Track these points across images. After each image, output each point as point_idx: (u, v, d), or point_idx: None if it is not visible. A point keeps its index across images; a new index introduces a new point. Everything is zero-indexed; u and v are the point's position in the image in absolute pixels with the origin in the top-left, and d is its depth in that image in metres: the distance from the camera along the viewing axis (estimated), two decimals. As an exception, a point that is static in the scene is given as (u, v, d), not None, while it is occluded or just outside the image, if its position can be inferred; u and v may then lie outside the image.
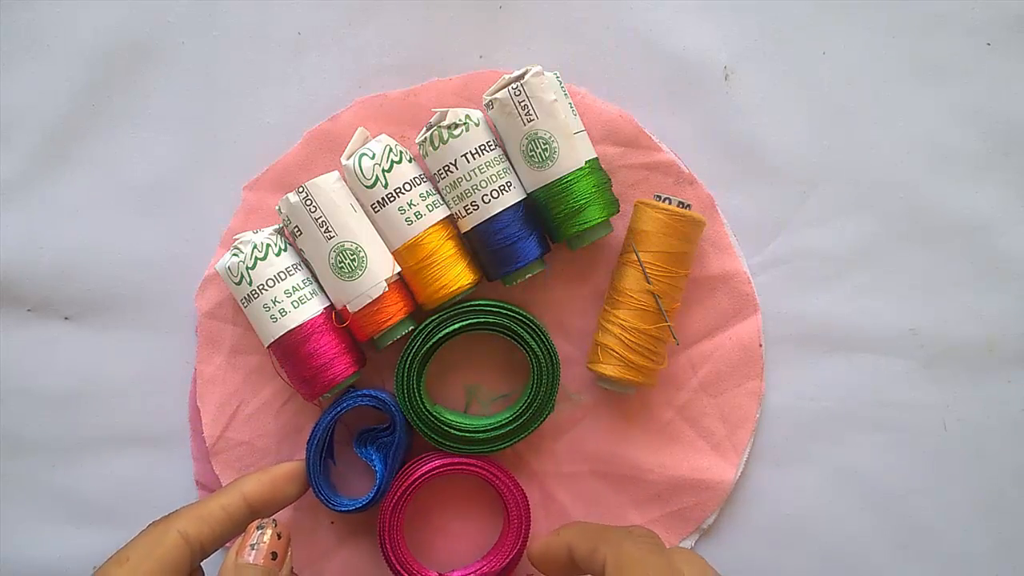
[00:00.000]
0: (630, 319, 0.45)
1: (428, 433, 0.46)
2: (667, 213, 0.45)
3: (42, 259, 0.50)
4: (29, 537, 0.51)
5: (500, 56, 0.50)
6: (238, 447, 0.49)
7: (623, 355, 0.45)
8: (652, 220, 0.45)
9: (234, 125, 0.50)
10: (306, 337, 0.45)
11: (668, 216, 0.45)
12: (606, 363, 0.46)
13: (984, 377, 0.50)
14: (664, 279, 0.45)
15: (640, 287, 0.45)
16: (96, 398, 0.50)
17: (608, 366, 0.46)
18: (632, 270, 0.45)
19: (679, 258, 0.45)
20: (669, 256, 0.45)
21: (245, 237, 0.46)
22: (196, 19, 0.50)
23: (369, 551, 0.49)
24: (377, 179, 0.44)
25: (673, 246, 0.45)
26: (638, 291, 0.45)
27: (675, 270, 0.45)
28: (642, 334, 0.45)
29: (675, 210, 0.45)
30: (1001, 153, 0.50)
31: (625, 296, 0.45)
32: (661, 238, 0.45)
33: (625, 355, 0.45)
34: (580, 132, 0.45)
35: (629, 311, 0.45)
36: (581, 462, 0.49)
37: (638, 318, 0.45)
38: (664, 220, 0.45)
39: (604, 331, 0.46)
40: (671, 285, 0.45)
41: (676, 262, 0.45)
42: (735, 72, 0.50)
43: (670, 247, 0.45)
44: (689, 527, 0.49)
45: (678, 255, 0.45)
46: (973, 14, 0.49)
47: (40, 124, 0.50)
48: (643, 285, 0.45)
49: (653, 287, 0.45)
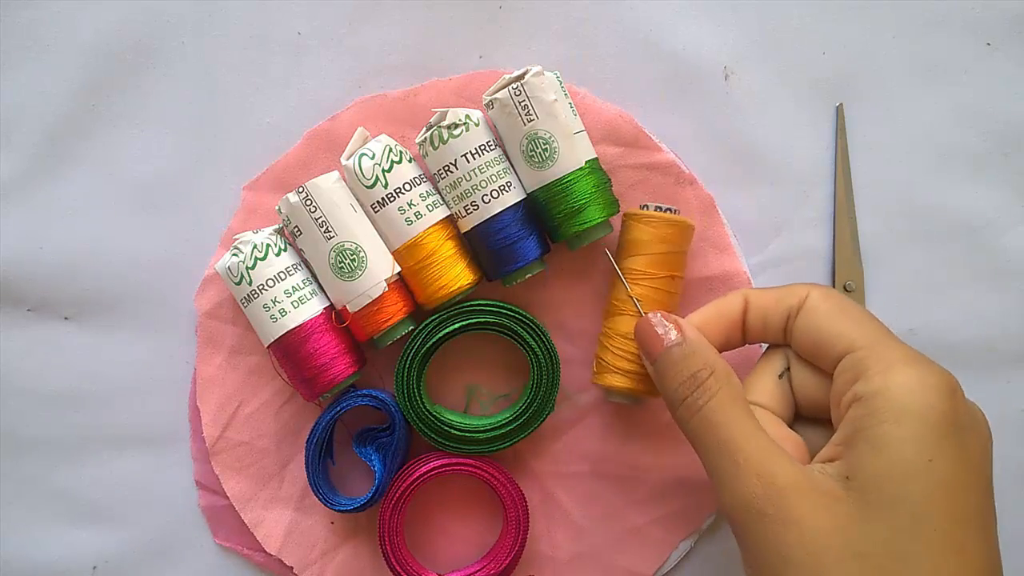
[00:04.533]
0: (616, 326, 0.45)
1: (428, 433, 0.46)
2: (643, 219, 0.45)
3: (42, 259, 0.50)
4: (29, 537, 0.51)
5: (500, 56, 0.50)
6: (238, 447, 0.49)
7: (613, 363, 0.45)
8: (632, 228, 0.45)
9: (234, 125, 0.50)
10: (306, 337, 0.45)
11: (644, 222, 0.45)
12: (600, 374, 0.46)
13: (984, 377, 0.50)
14: (651, 284, 0.45)
15: (624, 294, 0.45)
16: (96, 398, 0.50)
17: (603, 376, 0.46)
18: (617, 279, 0.45)
19: (666, 260, 0.45)
20: (653, 259, 0.44)
21: (245, 237, 0.46)
22: (196, 19, 0.50)
23: (369, 551, 0.49)
24: (377, 179, 0.44)
25: (657, 249, 0.44)
26: (623, 299, 0.45)
27: (660, 272, 0.44)
28: (629, 340, 0.45)
29: (653, 215, 0.45)
30: (1001, 153, 0.50)
31: (613, 305, 0.45)
32: (645, 244, 0.45)
33: (615, 363, 0.45)
34: (580, 132, 0.45)
35: (616, 319, 0.45)
36: (581, 462, 0.49)
37: (625, 324, 0.45)
38: (641, 226, 0.45)
39: (600, 344, 0.46)
40: (660, 289, 0.45)
41: (662, 264, 0.45)
42: (735, 72, 0.50)
43: (654, 250, 0.44)
44: (689, 527, 0.49)
45: (664, 257, 0.45)
46: (973, 14, 0.50)
47: (40, 124, 0.50)
48: (625, 292, 0.45)
49: (634, 291, 0.44)
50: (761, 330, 0.41)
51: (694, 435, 0.38)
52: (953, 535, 0.34)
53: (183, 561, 0.51)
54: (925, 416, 0.34)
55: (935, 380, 0.35)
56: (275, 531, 0.49)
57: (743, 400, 0.38)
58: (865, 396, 0.36)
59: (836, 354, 0.38)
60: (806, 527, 0.34)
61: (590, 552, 0.49)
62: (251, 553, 0.50)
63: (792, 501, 0.34)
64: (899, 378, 0.35)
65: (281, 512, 0.49)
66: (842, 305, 0.39)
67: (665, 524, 0.49)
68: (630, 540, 0.49)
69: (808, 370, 0.41)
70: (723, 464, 0.36)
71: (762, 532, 0.35)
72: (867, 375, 0.36)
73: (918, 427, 0.34)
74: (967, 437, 0.35)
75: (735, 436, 0.36)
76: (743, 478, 0.35)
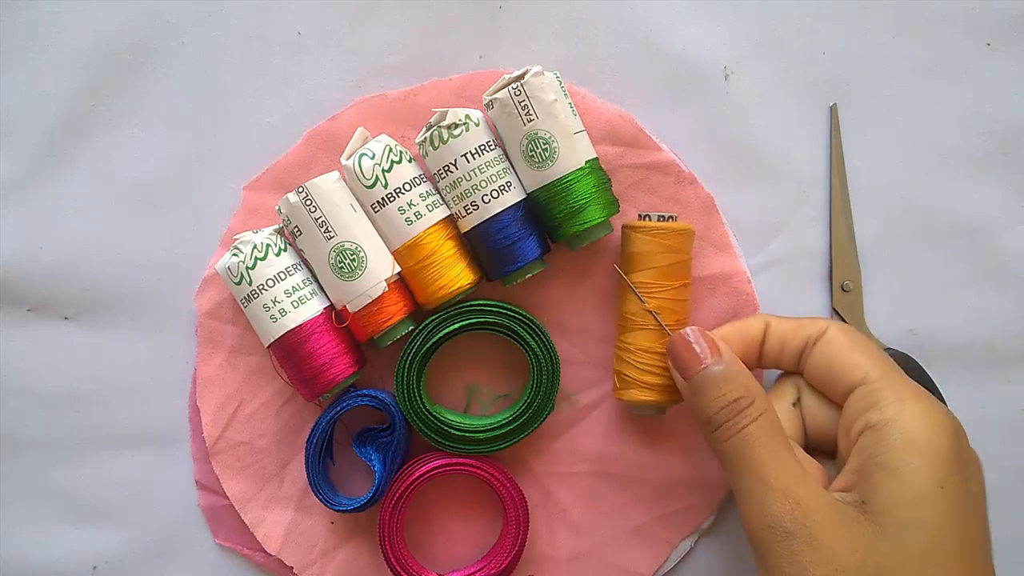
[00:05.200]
0: (637, 341, 0.45)
1: (428, 433, 0.46)
2: (646, 231, 0.45)
3: (42, 259, 0.50)
4: (29, 537, 0.51)
5: (500, 56, 0.50)
6: (238, 447, 0.49)
7: (638, 378, 0.45)
8: (636, 241, 0.45)
9: (234, 125, 0.50)
10: (306, 337, 0.45)
11: (647, 234, 0.45)
12: (624, 389, 0.46)
13: (984, 377, 0.50)
14: (665, 295, 0.45)
15: (639, 308, 0.45)
16: (96, 398, 0.50)
17: (628, 391, 0.46)
18: (629, 294, 0.45)
19: (675, 270, 0.45)
20: (661, 271, 0.45)
21: (245, 237, 0.46)
22: (196, 19, 0.50)
23: (369, 551, 0.49)
24: (377, 179, 0.44)
25: (663, 260, 0.45)
26: (639, 312, 0.45)
27: (673, 283, 0.45)
28: (651, 354, 0.45)
29: (656, 226, 0.45)
30: (1001, 153, 0.50)
31: (628, 320, 0.45)
32: (650, 256, 0.45)
33: (640, 378, 0.45)
34: (580, 132, 0.45)
35: (634, 333, 0.45)
36: (581, 462, 0.49)
37: (645, 338, 0.45)
38: (646, 239, 0.45)
39: (619, 358, 0.46)
40: (673, 299, 0.45)
41: (673, 275, 0.45)
42: (735, 72, 0.50)
43: (660, 262, 0.45)
44: (689, 527, 0.49)
45: (673, 267, 0.45)
46: (973, 14, 0.50)
47: (40, 124, 0.50)
48: (641, 306, 0.45)
49: (650, 305, 0.45)
50: (777, 356, 0.43)
51: (727, 456, 0.39)
52: (962, 556, 0.36)
53: (183, 561, 0.51)
54: (937, 446, 0.37)
55: (943, 417, 0.38)
56: (275, 531, 0.49)
57: (780, 428, 0.40)
58: (878, 425, 0.38)
59: (849, 384, 0.40)
60: (829, 547, 0.36)
61: (590, 552, 0.49)
62: (251, 553, 0.50)
63: (817, 522, 0.36)
64: (913, 409, 0.38)
65: (281, 512, 0.49)
66: (859, 340, 0.41)
67: (665, 524, 0.49)
68: (630, 540, 0.49)
69: (817, 399, 0.43)
70: (753, 485, 0.38)
71: (787, 551, 0.36)
72: (880, 405, 0.38)
73: (931, 455, 0.37)
74: (971, 471, 0.38)
75: (768, 460, 0.38)
76: (771, 500, 0.37)
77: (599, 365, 0.49)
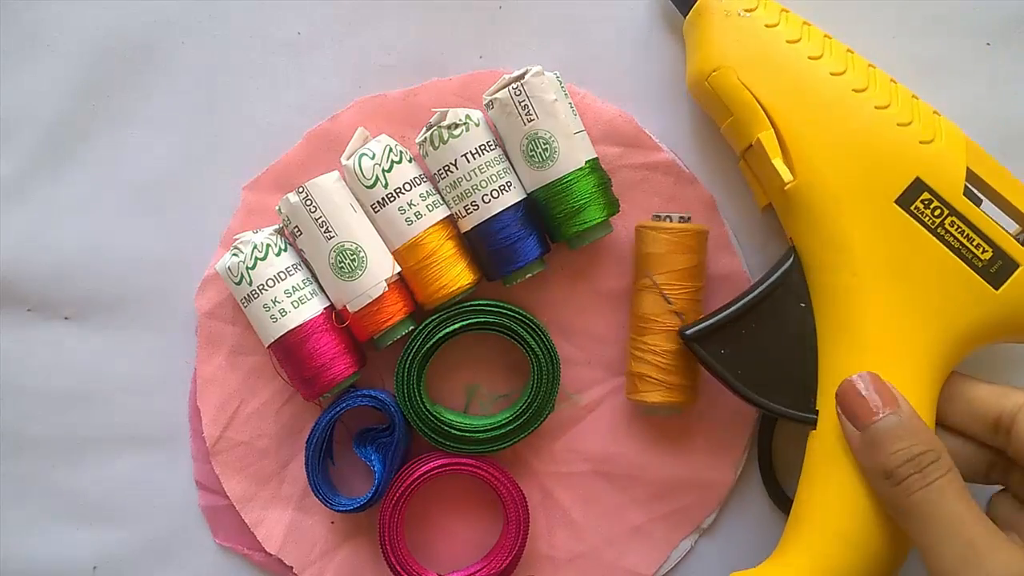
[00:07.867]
0: (660, 343, 0.45)
1: (428, 433, 0.46)
2: (672, 232, 0.45)
3: (42, 259, 0.50)
4: (29, 537, 0.51)
5: (500, 56, 0.50)
6: (238, 447, 0.49)
7: (662, 379, 0.45)
8: (658, 242, 0.45)
9: (234, 125, 0.50)
10: (306, 337, 0.45)
11: (673, 235, 0.45)
12: (646, 391, 0.46)
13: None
14: (683, 296, 0.45)
15: (662, 310, 0.45)
16: (96, 398, 0.50)
17: (650, 393, 0.46)
18: (649, 295, 0.45)
19: (693, 272, 0.45)
20: (683, 273, 0.45)
21: (245, 237, 0.46)
22: (196, 19, 0.50)
23: (369, 551, 0.49)
24: (377, 179, 0.44)
25: (685, 262, 0.45)
26: (662, 314, 0.45)
27: (691, 284, 0.45)
28: (674, 354, 0.45)
29: (678, 227, 0.45)
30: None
31: (650, 322, 0.46)
32: (672, 257, 0.45)
33: (664, 379, 0.45)
34: (580, 132, 0.45)
35: (657, 335, 0.45)
36: (581, 462, 0.49)
37: (668, 340, 0.45)
38: (670, 239, 0.45)
39: (637, 360, 0.46)
40: (691, 299, 0.45)
41: (691, 277, 0.45)
42: (735, 72, 0.50)
43: (682, 264, 0.45)
44: (689, 527, 0.49)
45: (691, 269, 0.45)
46: (973, 14, 0.49)
47: (40, 124, 0.50)
48: (665, 307, 0.45)
49: (675, 306, 0.45)
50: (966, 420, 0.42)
51: (907, 512, 0.38)
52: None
53: (183, 561, 0.51)
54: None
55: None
56: (275, 531, 0.49)
57: (965, 489, 0.38)
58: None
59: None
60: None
61: (590, 552, 0.49)
62: (251, 553, 0.50)
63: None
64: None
65: (281, 512, 0.49)
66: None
67: (665, 523, 0.49)
68: (630, 540, 0.49)
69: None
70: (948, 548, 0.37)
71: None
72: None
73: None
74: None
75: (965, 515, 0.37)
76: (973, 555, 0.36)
77: (599, 365, 0.49)
